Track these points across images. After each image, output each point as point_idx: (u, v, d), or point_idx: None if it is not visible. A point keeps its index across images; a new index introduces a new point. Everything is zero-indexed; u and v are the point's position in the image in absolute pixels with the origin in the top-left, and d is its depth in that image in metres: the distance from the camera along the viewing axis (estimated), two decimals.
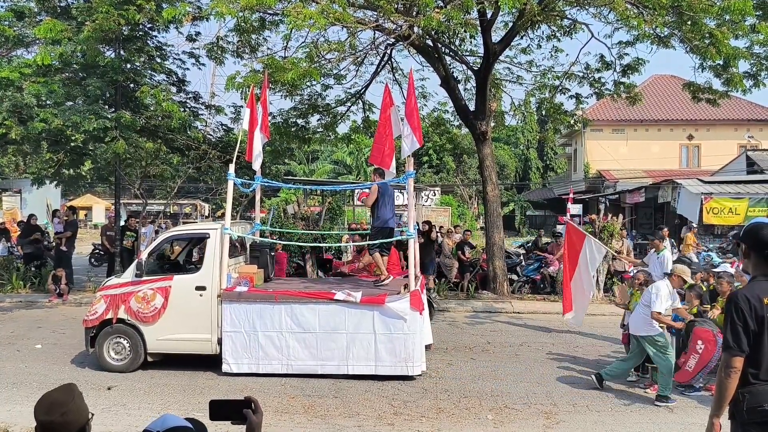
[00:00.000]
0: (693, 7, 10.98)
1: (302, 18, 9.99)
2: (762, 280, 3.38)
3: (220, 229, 9.12)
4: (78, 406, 2.53)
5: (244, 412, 2.37)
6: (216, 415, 2.40)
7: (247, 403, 2.38)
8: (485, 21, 14.58)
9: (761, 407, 3.26)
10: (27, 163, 29.74)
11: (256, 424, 2.36)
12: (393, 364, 8.47)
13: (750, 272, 3.52)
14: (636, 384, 8.52)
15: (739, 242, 3.61)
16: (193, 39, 16.57)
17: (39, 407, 2.49)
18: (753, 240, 3.42)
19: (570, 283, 11.19)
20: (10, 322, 12.51)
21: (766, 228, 3.40)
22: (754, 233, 3.41)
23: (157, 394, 7.99)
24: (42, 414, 2.47)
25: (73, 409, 2.50)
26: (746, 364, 3.31)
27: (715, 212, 18.82)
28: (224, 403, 2.43)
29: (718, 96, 15.04)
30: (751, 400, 3.28)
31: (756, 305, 3.29)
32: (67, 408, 2.47)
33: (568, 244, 11.75)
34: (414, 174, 9.25)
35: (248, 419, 2.36)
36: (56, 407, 2.47)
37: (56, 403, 2.48)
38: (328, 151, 43.58)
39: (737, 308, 3.34)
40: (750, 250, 3.44)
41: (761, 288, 3.34)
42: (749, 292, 3.34)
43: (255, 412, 2.38)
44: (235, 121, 17.91)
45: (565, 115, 18.37)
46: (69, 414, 2.48)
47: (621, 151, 35.42)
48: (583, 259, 10.91)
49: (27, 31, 15.50)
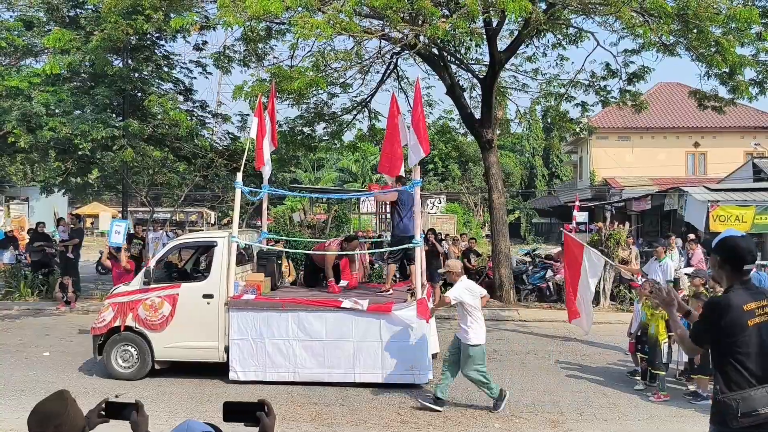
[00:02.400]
0: (699, 16, 11.00)
1: (309, 27, 10.03)
2: (739, 288, 3.48)
3: (227, 238, 9.15)
4: (72, 415, 2.47)
5: (257, 414, 2.40)
6: (230, 416, 2.44)
7: (261, 405, 2.42)
8: (491, 30, 14.62)
9: (755, 412, 3.33)
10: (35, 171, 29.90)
11: (269, 427, 2.39)
12: (400, 372, 8.47)
13: (724, 283, 3.61)
14: (643, 392, 8.49)
15: (711, 253, 3.69)
16: (201, 48, 16.72)
17: (32, 419, 2.42)
18: (729, 252, 3.51)
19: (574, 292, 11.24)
20: (18, 330, 12.57)
21: (741, 240, 3.52)
22: (731, 246, 3.51)
23: (164, 402, 8.01)
24: (35, 426, 2.42)
25: (67, 421, 2.44)
26: (736, 369, 3.39)
27: (721, 220, 18.74)
28: (238, 405, 2.46)
29: (724, 103, 15.04)
30: (744, 405, 3.35)
31: (738, 314, 3.39)
32: (60, 420, 2.42)
33: (567, 255, 11.79)
34: (421, 182, 9.27)
35: (261, 422, 2.39)
36: (49, 419, 2.41)
37: (50, 414, 2.42)
38: (333, 159, 43.64)
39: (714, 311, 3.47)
40: (725, 262, 3.54)
41: (741, 297, 3.44)
42: (732, 301, 3.43)
43: (268, 415, 2.41)
44: (242, 129, 18.01)
45: (570, 123, 18.39)
46: (63, 426, 2.43)
47: (627, 159, 35.38)
48: (584, 269, 10.95)
49: (36, 41, 15.68)
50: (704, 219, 18.79)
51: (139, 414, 2.61)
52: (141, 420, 2.61)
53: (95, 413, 2.63)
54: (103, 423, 2.65)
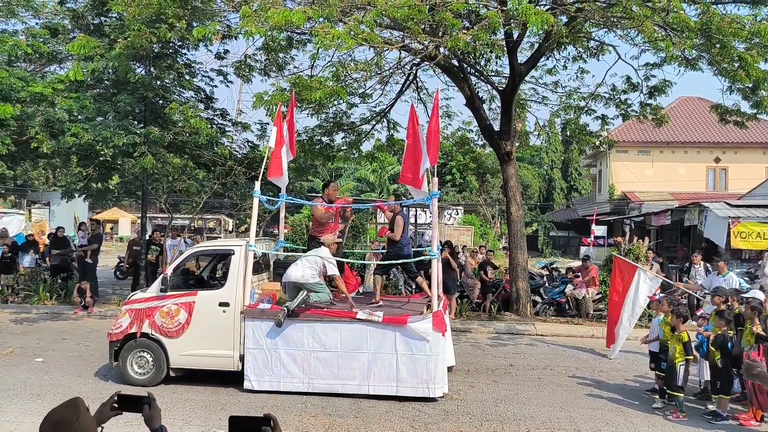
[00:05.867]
0: (722, 31, 10.88)
1: (330, 38, 10.07)
2: None
3: (244, 246, 9.17)
4: (83, 423, 2.45)
5: (262, 429, 2.40)
6: (235, 430, 2.45)
7: (267, 420, 2.42)
8: (511, 42, 14.58)
9: None
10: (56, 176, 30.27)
11: None
12: (414, 385, 8.41)
13: None
14: (661, 410, 8.35)
15: None
16: (222, 57, 16.82)
17: (43, 426, 2.41)
18: None
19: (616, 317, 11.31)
20: (36, 333, 12.67)
21: None
22: None
23: (178, 410, 8.01)
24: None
25: (78, 429, 2.41)
26: None
27: (743, 236, 18.47)
28: (244, 419, 2.48)
29: (746, 118, 14.84)
30: None
31: None
32: (72, 428, 2.40)
33: (615, 278, 11.70)
34: (439, 194, 9.25)
35: None
36: (61, 427, 2.40)
37: (61, 422, 2.41)
38: (351, 169, 43.73)
39: None
40: None
41: None
42: None
43: (274, 430, 2.40)
44: (261, 137, 18.09)
45: (590, 136, 18.26)
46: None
47: (647, 173, 35.07)
48: (632, 291, 10.90)
49: (61, 48, 15.89)
50: (725, 235, 18.54)
51: (151, 408, 2.65)
52: (154, 413, 2.65)
53: (108, 406, 2.68)
54: (115, 416, 2.69)
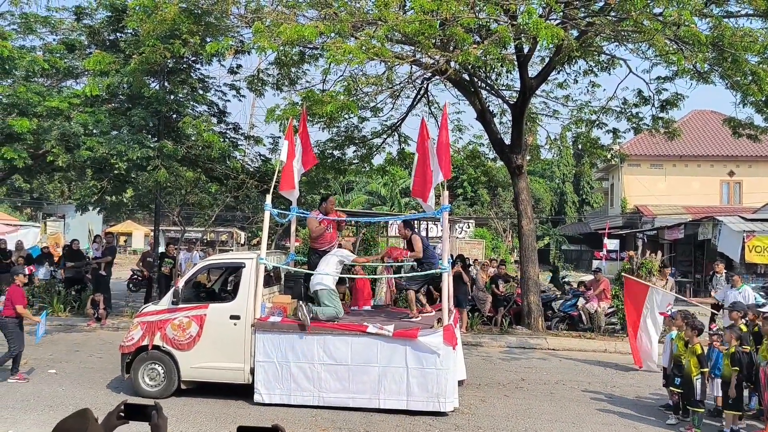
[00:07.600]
0: (734, 45, 10.87)
1: (342, 53, 10.16)
2: None
3: (255, 259, 9.21)
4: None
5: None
6: None
7: (275, 431, 2.42)
8: (522, 56, 14.63)
9: None
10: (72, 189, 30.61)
11: None
12: (425, 399, 8.37)
13: None
14: (676, 426, 8.26)
15: None
16: (235, 72, 17.02)
17: None
18: None
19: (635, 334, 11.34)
20: (50, 345, 12.76)
21: None
22: None
23: (189, 422, 8.03)
24: None
25: None
26: None
27: (757, 251, 18.34)
28: (253, 429, 2.49)
29: (760, 132, 14.79)
30: None
31: None
32: None
33: (628, 298, 11.70)
34: (450, 207, 9.26)
35: None
36: None
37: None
38: (362, 182, 43.84)
39: None
40: None
41: None
42: None
43: None
44: (273, 151, 18.24)
45: (601, 150, 18.23)
46: None
47: (659, 187, 34.89)
48: (647, 310, 10.98)
49: (77, 63, 16.13)
50: (739, 249, 18.40)
51: (158, 417, 2.63)
52: (161, 422, 2.63)
53: (114, 415, 2.65)
54: (122, 425, 2.68)
